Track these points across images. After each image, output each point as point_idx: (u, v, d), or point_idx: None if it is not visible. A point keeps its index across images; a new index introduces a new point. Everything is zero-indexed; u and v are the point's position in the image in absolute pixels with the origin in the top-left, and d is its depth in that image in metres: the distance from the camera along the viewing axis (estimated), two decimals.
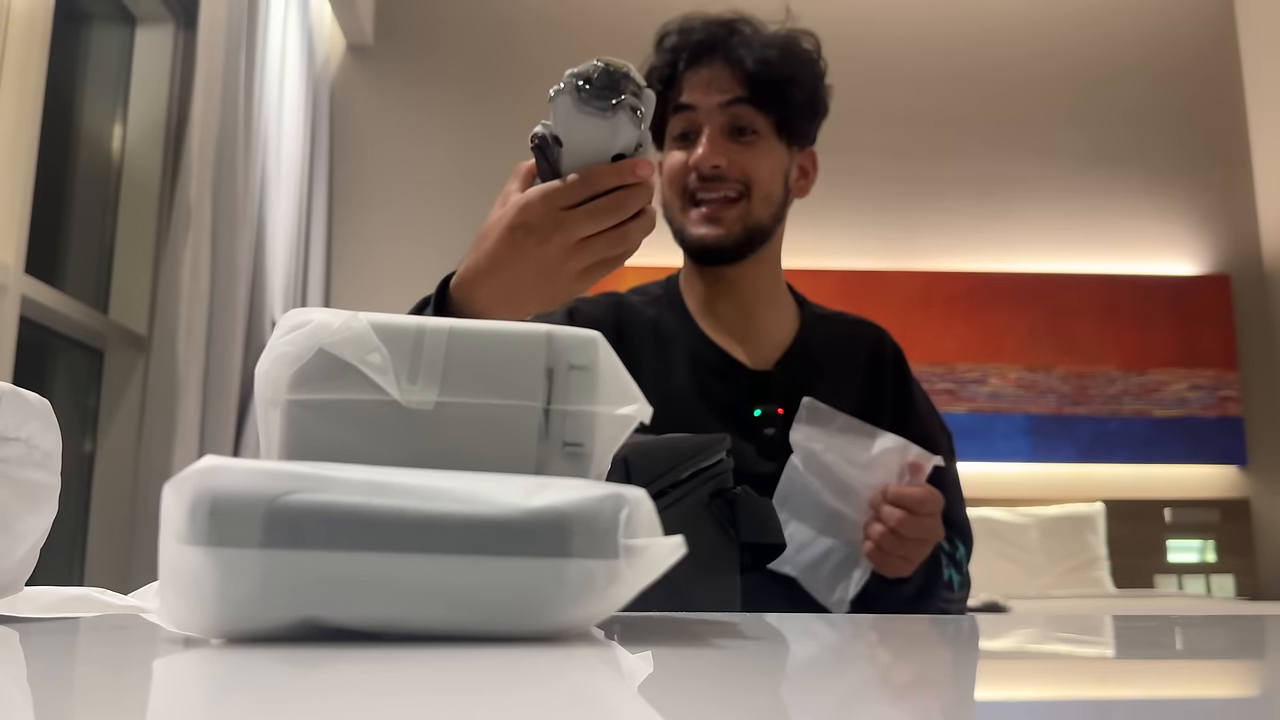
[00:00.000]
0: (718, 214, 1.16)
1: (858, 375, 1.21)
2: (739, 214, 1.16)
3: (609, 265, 0.77)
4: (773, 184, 1.19)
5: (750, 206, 1.16)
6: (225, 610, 0.39)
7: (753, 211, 1.17)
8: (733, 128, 1.16)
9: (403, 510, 0.39)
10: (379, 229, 3.82)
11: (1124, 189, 4.06)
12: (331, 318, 0.46)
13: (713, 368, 1.19)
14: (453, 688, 0.32)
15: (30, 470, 0.65)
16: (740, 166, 1.16)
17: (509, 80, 3.96)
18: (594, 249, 0.76)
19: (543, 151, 0.76)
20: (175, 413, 2.46)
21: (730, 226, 1.16)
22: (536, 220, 0.75)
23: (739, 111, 1.16)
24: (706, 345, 1.20)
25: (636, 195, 0.74)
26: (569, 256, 0.75)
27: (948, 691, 0.38)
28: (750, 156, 1.16)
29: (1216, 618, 0.82)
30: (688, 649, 0.46)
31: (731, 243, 1.17)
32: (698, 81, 1.17)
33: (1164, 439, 3.83)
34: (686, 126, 1.18)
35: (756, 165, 1.16)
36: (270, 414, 0.47)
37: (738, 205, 1.16)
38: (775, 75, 1.16)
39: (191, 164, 2.58)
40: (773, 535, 0.91)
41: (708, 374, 1.18)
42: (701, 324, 1.23)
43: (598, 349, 0.48)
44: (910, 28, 4.13)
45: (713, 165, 1.14)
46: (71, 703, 0.33)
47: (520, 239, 0.76)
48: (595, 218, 0.74)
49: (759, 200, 1.17)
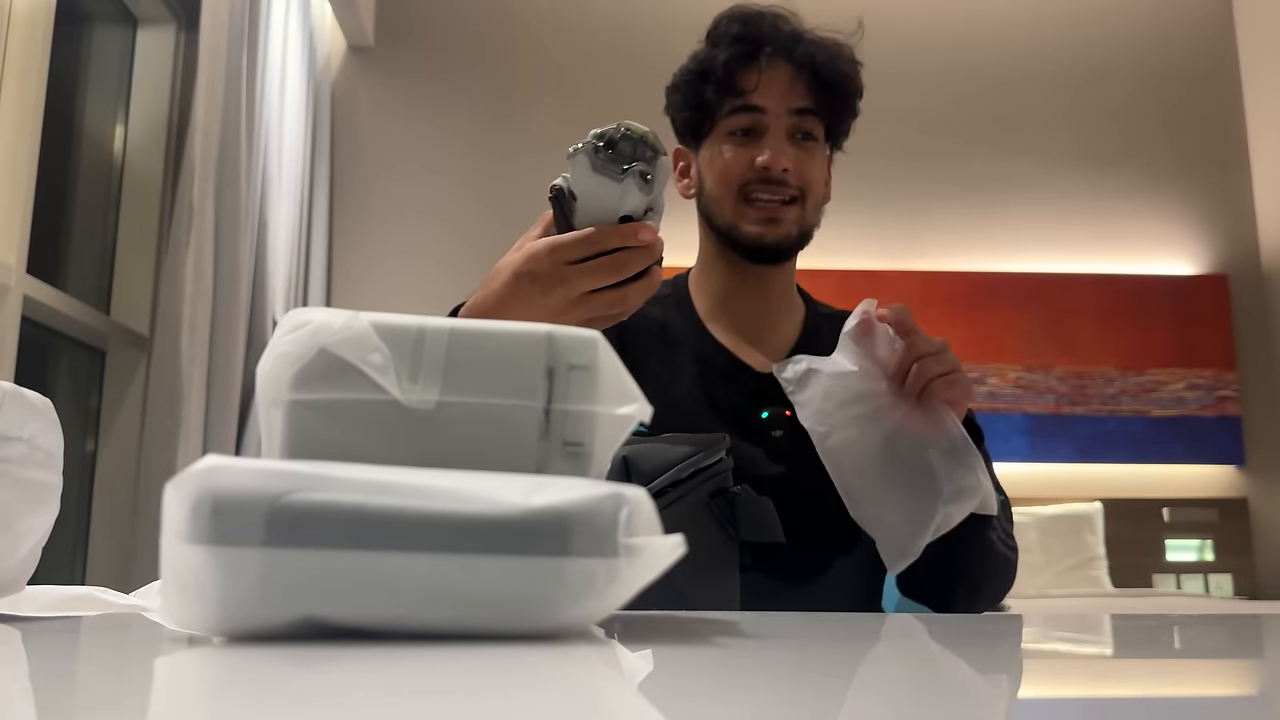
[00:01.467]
0: (776, 215, 1.17)
1: None
2: (795, 216, 1.18)
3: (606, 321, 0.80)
4: (823, 190, 1.22)
5: (804, 210, 1.19)
6: (227, 609, 0.39)
7: (806, 215, 1.19)
8: (798, 132, 1.18)
9: (404, 509, 0.39)
10: (380, 229, 3.82)
11: (1122, 189, 4.06)
12: (333, 318, 0.46)
13: (719, 370, 1.19)
14: (453, 686, 0.32)
15: (32, 470, 0.65)
16: (802, 172, 1.18)
17: (509, 80, 3.96)
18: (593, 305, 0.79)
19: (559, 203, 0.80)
20: (177, 412, 2.46)
21: (789, 228, 1.18)
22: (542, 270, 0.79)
23: (807, 120, 1.18)
24: (713, 347, 1.21)
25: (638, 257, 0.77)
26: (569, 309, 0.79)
27: (947, 691, 0.38)
28: (809, 162, 1.19)
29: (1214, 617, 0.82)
30: (687, 648, 0.46)
31: (789, 244, 1.19)
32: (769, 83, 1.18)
33: (1162, 439, 3.83)
34: (749, 124, 1.19)
35: (814, 171, 1.19)
36: (272, 414, 0.47)
37: (793, 208, 1.18)
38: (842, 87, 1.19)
39: (193, 164, 2.58)
40: (772, 534, 0.91)
41: (714, 376, 1.19)
42: (710, 326, 1.23)
43: (598, 349, 0.48)
44: (910, 28, 4.13)
45: (784, 169, 1.16)
46: (73, 702, 0.33)
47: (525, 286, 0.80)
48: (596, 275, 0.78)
49: (812, 205, 1.20)
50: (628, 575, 0.40)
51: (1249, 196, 4.12)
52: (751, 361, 1.20)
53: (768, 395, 1.17)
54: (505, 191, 3.89)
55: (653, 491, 0.81)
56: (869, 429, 1.01)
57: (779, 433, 1.14)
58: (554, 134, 3.86)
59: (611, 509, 0.41)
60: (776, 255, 1.20)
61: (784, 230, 1.18)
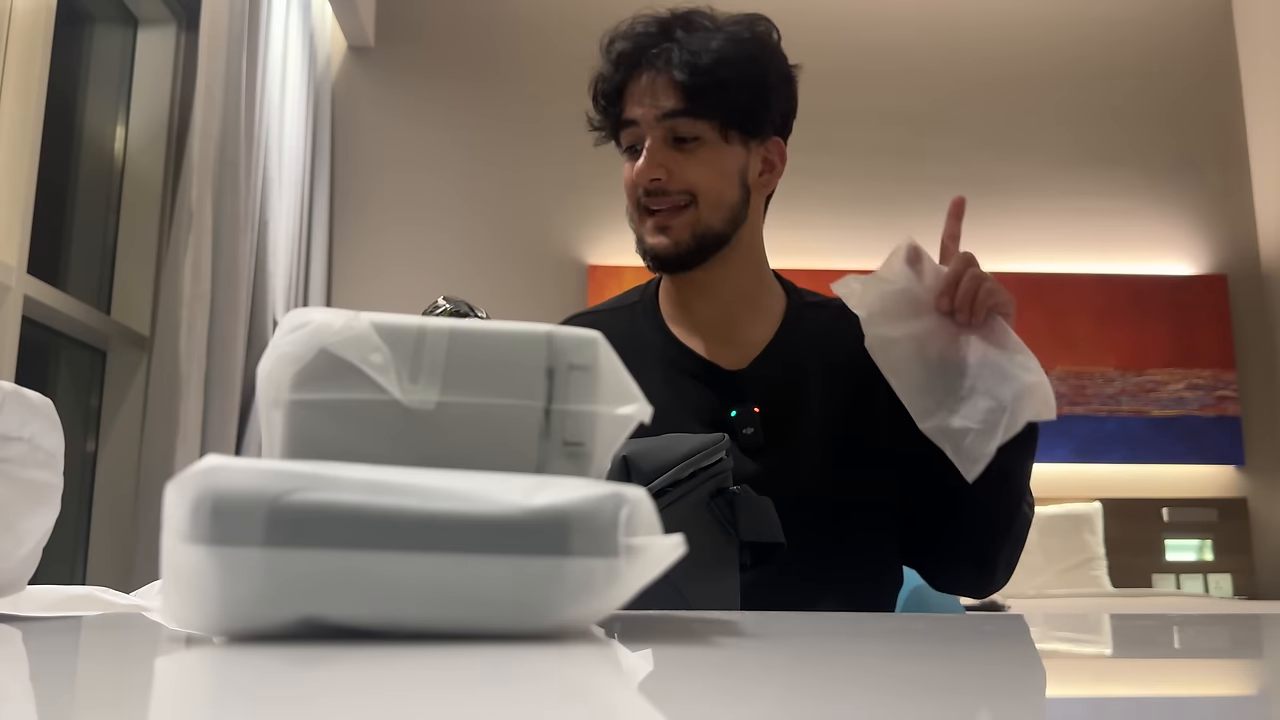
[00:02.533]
0: (666, 222, 1.15)
1: (848, 361, 1.20)
2: (687, 221, 1.15)
3: None
4: (722, 189, 1.16)
5: (698, 214, 1.15)
6: (227, 609, 0.39)
7: (701, 219, 1.15)
8: (673, 137, 1.15)
9: (404, 509, 0.39)
10: (380, 229, 3.82)
11: (1121, 189, 4.06)
12: (333, 318, 0.46)
13: (687, 371, 1.18)
14: (454, 686, 0.33)
15: (33, 470, 0.66)
16: (682, 176, 1.14)
17: (510, 80, 3.96)
18: None
19: None
20: (177, 412, 2.46)
21: (679, 235, 1.15)
22: None
23: (676, 123, 1.14)
24: (679, 350, 1.20)
25: None
26: None
27: (947, 690, 0.38)
28: (692, 164, 1.14)
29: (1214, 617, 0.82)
30: (687, 647, 0.46)
31: (683, 251, 1.15)
32: (637, 93, 1.16)
33: (1161, 439, 3.83)
34: (633, 139, 1.17)
35: (698, 173, 1.15)
36: (272, 414, 0.47)
37: (685, 213, 1.15)
38: (709, 82, 1.13)
39: (193, 165, 2.58)
40: (772, 534, 0.91)
41: (683, 378, 1.18)
42: (676, 328, 1.22)
43: (598, 349, 0.48)
44: (908, 28, 4.13)
45: (651, 179, 1.14)
46: (74, 701, 0.33)
47: None
48: None
49: (707, 207, 1.15)
50: (628, 575, 0.40)
51: (1248, 196, 4.12)
52: (720, 360, 1.19)
53: (737, 393, 1.16)
54: (505, 191, 3.89)
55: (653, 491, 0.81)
56: (927, 341, 1.05)
57: (750, 430, 1.14)
58: (554, 133, 3.86)
59: (611, 509, 0.41)
60: (677, 263, 1.16)
61: (674, 236, 1.14)
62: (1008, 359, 1.03)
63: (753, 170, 1.19)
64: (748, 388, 1.17)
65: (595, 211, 3.86)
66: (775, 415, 1.15)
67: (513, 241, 3.86)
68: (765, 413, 1.15)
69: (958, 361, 1.05)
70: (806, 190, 3.80)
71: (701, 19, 1.18)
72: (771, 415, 1.15)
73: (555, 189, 3.88)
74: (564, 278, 3.84)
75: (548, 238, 3.88)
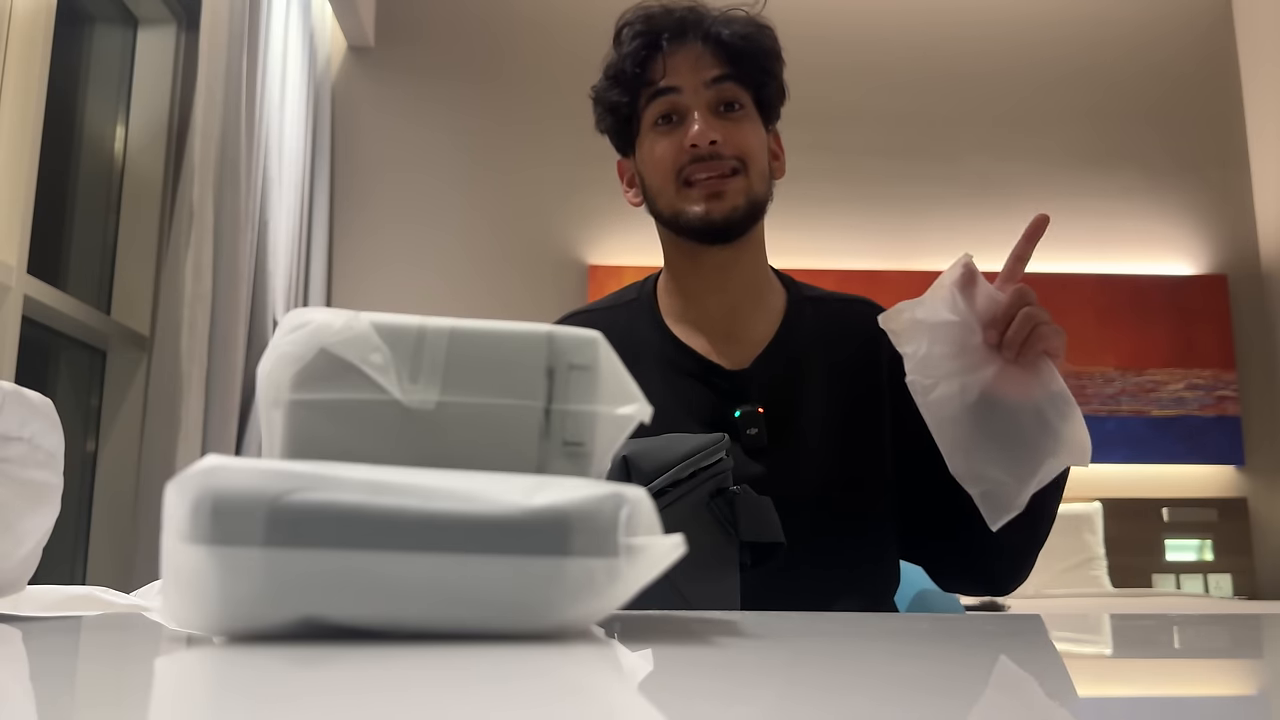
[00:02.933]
0: (720, 188, 1.14)
1: (850, 358, 1.19)
2: (741, 187, 1.14)
3: None
4: (764, 158, 1.18)
5: (749, 181, 1.15)
6: (227, 609, 0.39)
7: (752, 185, 1.15)
8: (721, 103, 1.15)
9: (404, 509, 0.39)
10: (380, 228, 3.82)
11: (1121, 189, 4.06)
12: (333, 318, 0.46)
13: (688, 372, 1.17)
14: (454, 685, 0.33)
15: (33, 470, 0.66)
16: (735, 142, 1.14)
17: (510, 80, 3.96)
18: None
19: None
20: (177, 413, 2.46)
21: (735, 199, 1.14)
22: None
23: (725, 88, 1.15)
24: (679, 349, 1.18)
25: None
26: None
27: (947, 690, 0.38)
28: (742, 132, 1.15)
29: (1214, 617, 0.82)
30: (687, 647, 0.46)
31: (738, 216, 1.15)
32: (679, 63, 1.16)
33: (1161, 438, 3.83)
34: (669, 109, 1.16)
35: (749, 139, 1.16)
36: (272, 414, 0.47)
37: (737, 179, 1.14)
38: (750, 49, 1.16)
39: (193, 164, 2.58)
40: (772, 533, 0.91)
41: (683, 378, 1.17)
42: (676, 326, 1.21)
43: (598, 349, 0.48)
44: (908, 28, 4.13)
45: (711, 140, 1.13)
46: (74, 701, 0.33)
47: None
48: None
49: (755, 174, 1.16)
50: (628, 575, 0.40)
51: (1248, 196, 4.12)
52: (722, 360, 1.18)
53: (740, 394, 1.15)
54: (505, 191, 3.89)
55: (653, 491, 0.81)
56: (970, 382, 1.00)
57: (753, 431, 1.13)
58: (554, 134, 3.86)
59: (611, 509, 0.41)
60: (727, 232, 1.15)
61: (730, 203, 1.14)
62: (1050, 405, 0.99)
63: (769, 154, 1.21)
64: (750, 387, 1.16)
65: (595, 211, 3.86)
66: (778, 415, 1.14)
67: (513, 241, 3.86)
68: (768, 413, 1.14)
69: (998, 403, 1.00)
70: (805, 190, 3.80)
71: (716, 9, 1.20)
72: (774, 415, 1.14)
73: (555, 189, 3.88)
74: (564, 278, 3.84)
75: (548, 238, 3.88)
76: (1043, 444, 0.99)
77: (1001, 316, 1.01)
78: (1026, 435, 0.99)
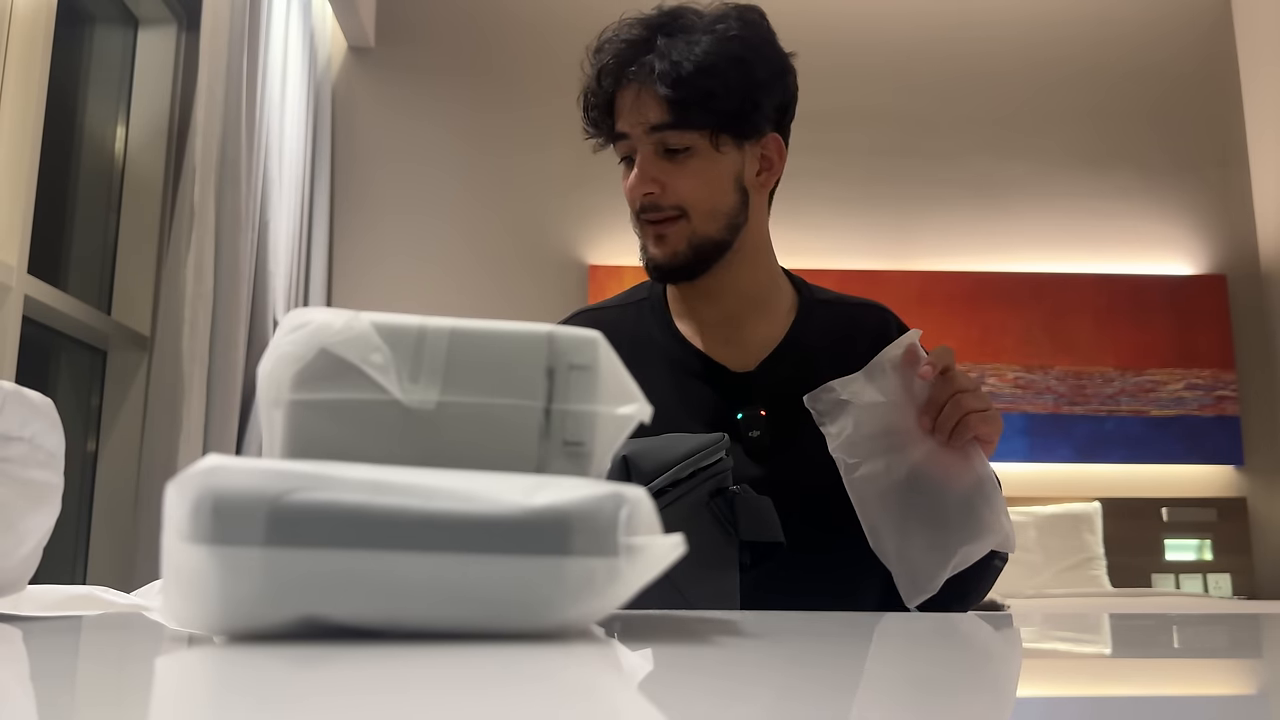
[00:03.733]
0: (663, 232, 1.14)
1: (858, 362, 1.19)
2: (682, 233, 1.13)
3: None
4: (716, 198, 1.14)
5: (692, 225, 1.13)
6: (228, 608, 0.39)
7: (696, 230, 1.13)
8: (663, 149, 1.13)
9: (404, 509, 0.39)
10: (380, 229, 3.82)
11: (1121, 189, 4.06)
12: (334, 318, 0.46)
13: (694, 372, 1.17)
14: (454, 685, 0.33)
15: (33, 470, 0.66)
16: (674, 189, 1.12)
17: (509, 81, 3.96)
18: None
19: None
20: (178, 412, 2.46)
21: (675, 245, 1.13)
22: None
23: (664, 136, 1.12)
24: (686, 350, 1.19)
25: None
26: None
27: (947, 690, 0.38)
28: (683, 177, 1.12)
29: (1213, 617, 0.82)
30: (687, 647, 0.46)
31: (680, 262, 1.14)
32: (625, 106, 1.14)
33: (1161, 438, 3.83)
34: (626, 151, 1.16)
35: (689, 185, 1.13)
36: (273, 413, 0.47)
37: (678, 224, 1.13)
38: (693, 93, 1.10)
39: (194, 164, 2.58)
40: (771, 533, 0.91)
41: (689, 379, 1.17)
42: (683, 327, 1.21)
43: (598, 349, 0.48)
44: (908, 28, 4.13)
45: (644, 194, 1.13)
46: (74, 701, 0.33)
47: None
48: None
49: (700, 218, 1.13)
50: (628, 574, 0.40)
51: (1248, 196, 4.12)
52: (727, 362, 1.18)
53: (743, 395, 1.15)
54: (505, 191, 3.89)
55: (653, 491, 0.81)
56: (895, 462, 1.00)
57: (755, 433, 1.13)
58: (554, 134, 3.86)
59: (611, 508, 0.41)
60: (677, 273, 1.15)
61: (670, 248, 1.13)
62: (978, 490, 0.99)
63: (749, 171, 1.17)
64: (755, 390, 1.16)
65: (595, 211, 3.86)
66: (782, 418, 1.13)
67: (513, 241, 3.86)
68: (773, 415, 1.14)
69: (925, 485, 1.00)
70: (804, 190, 3.80)
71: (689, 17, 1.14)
72: (778, 418, 1.13)
73: (555, 189, 3.88)
74: (564, 278, 3.84)
75: (548, 238, 3.88)
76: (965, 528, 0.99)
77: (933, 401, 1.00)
78: (950, 519, 0.99)
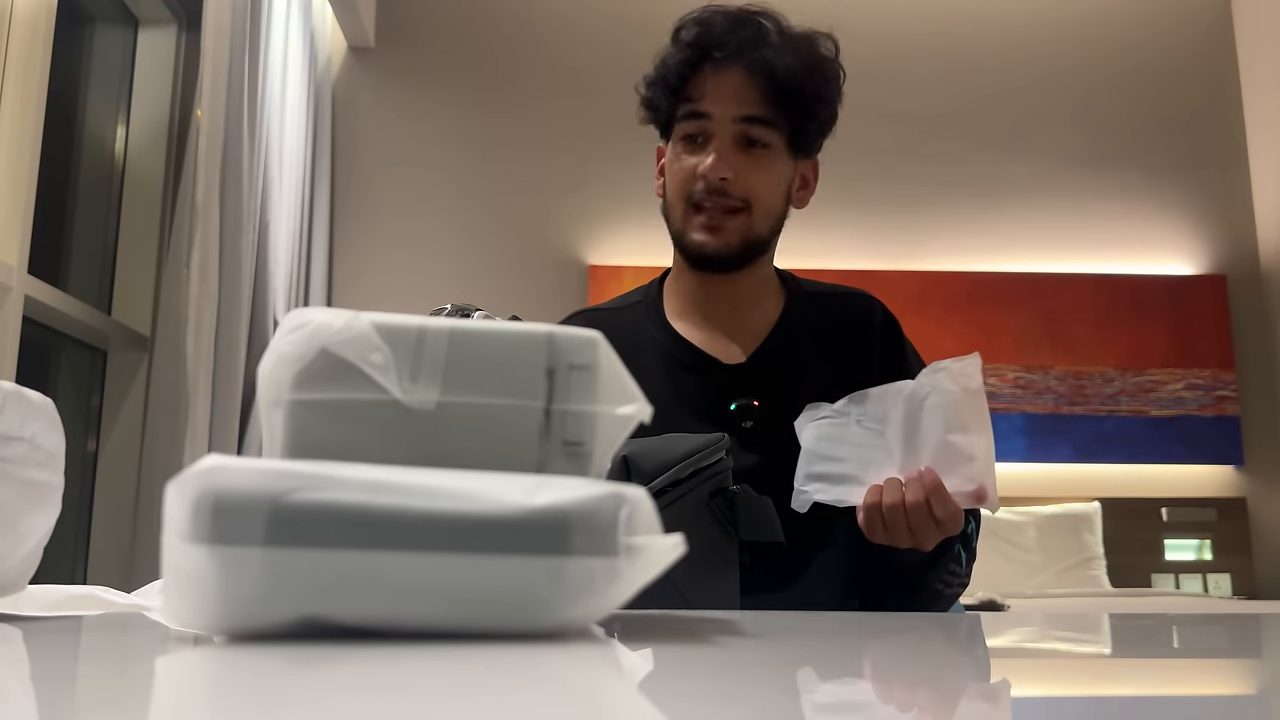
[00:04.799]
0: (719, 223, 1.14)
1: (843, 350, 1.20)
2: (739, 226, 1.14)
3: None
4: (775, 199, 1.17)
5: (751, 221, 1.15)
6: (228, 608, 0.39)
7: (753, 226, 1.15)
8: (744, 140, 1.14)
9: (404, 509, 0.39)
10: (380, 229, 3.82)
11: (1121, 189, 4.06)
12: (334, 318, 0.46)
13: (686, 366, 1.19)
14: (454, 685, 0.33)
15: (34, 470, 0.66)
16: (746, 181, 1.13)
17: (510, 80, 3.96)
18: None
19: None
20: (178, 412, 2.46)
21: (729, 238, 1.15)
22: None
23: (752, 127, 1.13)
24: (680, 344, 1.20)
25: None
26: None
27: (947, 690, 0.38)
28: (757, 171, 1.14)
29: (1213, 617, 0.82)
30: (687, 646, 0.46)
31: (730, 254, 1.16)
32: (716, 88, 1.13)
33: (1161, 438, 3.83)
34: (697, 130, 1.15)
35: (762, 181, 1.14)
36: (273, 414, 0.47)
37: (738, 217, 1.14)
38: (797, 91, 1.13)
39: (194, 165, 2.58)
40: (772, 534, 0.91)
41: (682, 373, 1.18)
42: (678, 324, 1.22)
43: (598, 349, 0.48)
44: (908, 28, 4.13)
45: (721, 177, 1.12)
46: (75, 701, 0.33)
47: None
48: None
49: (760, 215, 1.15)
50: (628, 574, 0.40)
51: (1247, 196, 4.12)
52: (720, 355, 1.19)
53: (736, 387, 1.16)
54: (505, 191, 3.89)
55: (653, 491, 0.81)
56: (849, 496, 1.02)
57: (749, 423, 1.14)
58: (554, 134, 3.86)
59: (611, 508, 0.41)
60: (719, 265, 1.17)
61: (725, 239, 1.14)
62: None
63: (794, 185, 1.21)
64: (747, 381, 1.17)
65: (595, 211, 3.86)
66: (774, 408, 1.15)
67: (513, 242, 3.86)
68: (764, 406, 1.15)
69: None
70: None
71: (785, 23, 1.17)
72: (770, 408, 1.15)
73: (556, 189, 3.88)
74: (564, 278, 3.84)
75: (548, 238, 3.88)
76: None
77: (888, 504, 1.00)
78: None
